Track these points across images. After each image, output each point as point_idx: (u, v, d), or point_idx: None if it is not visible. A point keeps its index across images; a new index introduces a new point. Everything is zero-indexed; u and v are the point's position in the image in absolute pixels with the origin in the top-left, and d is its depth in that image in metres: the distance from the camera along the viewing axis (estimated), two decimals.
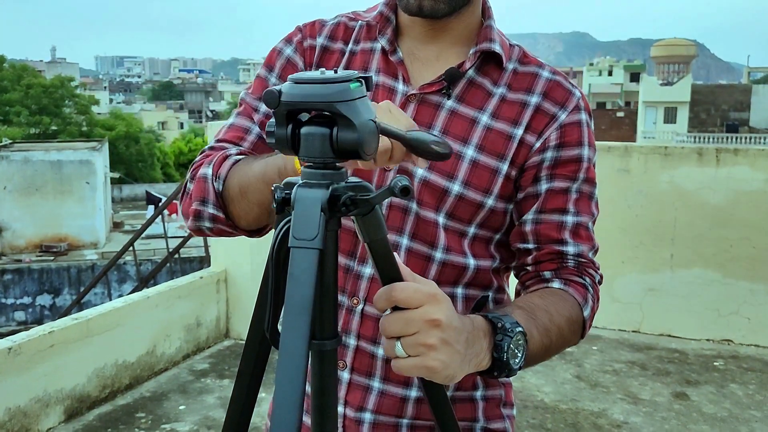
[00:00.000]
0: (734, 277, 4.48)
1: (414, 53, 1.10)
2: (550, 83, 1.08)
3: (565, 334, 1.00)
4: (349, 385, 1.09)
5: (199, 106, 79.80)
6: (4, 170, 21.67)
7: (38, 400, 3.30)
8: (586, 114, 1.09)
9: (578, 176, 1.07)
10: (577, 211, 1.08)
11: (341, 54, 1.13)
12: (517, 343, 0.87)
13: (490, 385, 1.13)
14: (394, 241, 1.06)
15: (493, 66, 1.08)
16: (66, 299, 18.36)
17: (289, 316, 0.65)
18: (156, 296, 4.09)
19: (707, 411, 3.63)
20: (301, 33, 1.15)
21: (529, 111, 1.06)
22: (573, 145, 1.07)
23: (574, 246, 1.07)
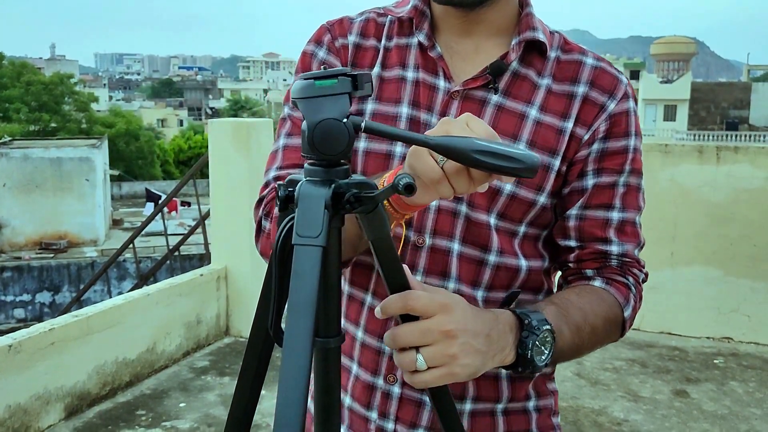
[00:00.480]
0: (735, 275, 4.48)
1: (451, 47, 1.05)
2: (596, 71, 1.04)
3: (600, 334, 0.99)
4: (401, 401, 1.04)
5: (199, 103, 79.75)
6: (4, 167, 21.64)
7: (39, 397, 3.30)
8: (632, 101, 1.06)
9: (625, 168, 1.04)
10: (623, 207, 1.04)
11: (376, 51, 1.09)
12: (543, 340, 0.86)
13: (541, 394, 1.11)
14: (445, 246, 1.01)
15: (536, 56, 1.04)
16: (66, 296, 18.36)
17: (292, 314, 0.65)
18: (156, 293, 4.09)
19: (707, 408, 3.63)
20: (330, 33, 1.10)
21: (577, 102, 1.03)
22: (620, 135, 1.03)
23: (618, 245, 1.04)
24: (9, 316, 18.52)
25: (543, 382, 1.12)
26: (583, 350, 0.97)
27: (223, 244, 4.61)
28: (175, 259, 6.65)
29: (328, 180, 0.71)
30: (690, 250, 4.51)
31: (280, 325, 0.75)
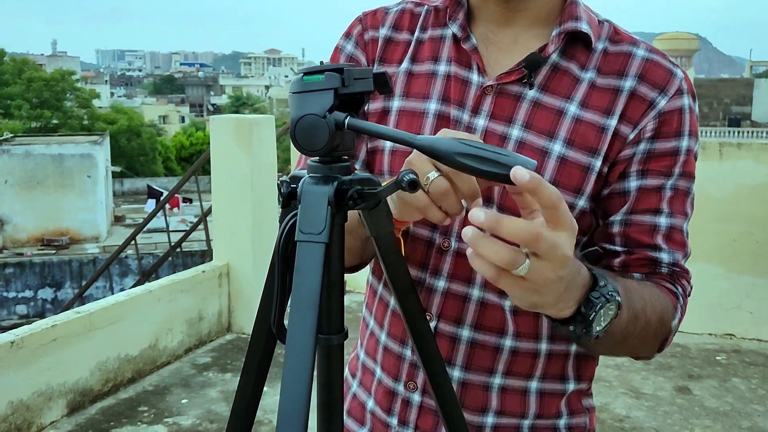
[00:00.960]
0: (737, 272, 4.47)
1: (489, 38, 0.98)
2: (647, 63, 0.94)
3: (650, 332, 0.90)
4: (420, 409, 0.99)
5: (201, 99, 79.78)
6: (6, 164, 21.68)
7: (41, 393, 3.30)
8: (689, 97, 0.95)
9: (674, 171, 0.94)
10: (671, 212, 0.95)
11: (407, 44, 1.03)
12: (608, 311, 0.78)
13: (575, 412, 1.03)
14: None
15: (581, 47, 0.95)
16: (68, 293, 18.39)
17: (296, 311, 0.65)
18: (158, 290, 4.10)
19: (709, 405, 3.63)
20: (362, 24, 1.05)
21: (623, 97, 0.93)
22: (671, 135, 0.93)
23: (668, 253, 0.95)
24: (11, 312, 18.57)
25: (578, 398, 1.05)
26: (629, 342, 0.88)
27: (225, 241, 4.61)
28: (177, 255, 6.65)
29: (331, 176, 0.70)
30: (692, 246, 4.48)
31: (283, 322, 0.74)
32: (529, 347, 0.97)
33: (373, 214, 0.75)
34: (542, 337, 0.97)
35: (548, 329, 0.98)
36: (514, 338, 0.96)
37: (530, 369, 0.98)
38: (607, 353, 0.98)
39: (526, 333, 0.97)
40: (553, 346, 0.98)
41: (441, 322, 0.97)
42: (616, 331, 0.83)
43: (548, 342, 0.98)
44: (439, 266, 0.96)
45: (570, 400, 1.02)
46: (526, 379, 0.99)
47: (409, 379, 1.00)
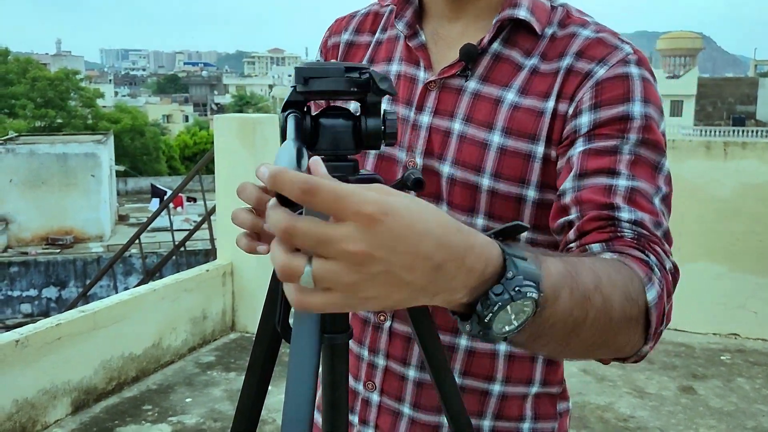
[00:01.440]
0: (741, 271, 4.46)
1: (438, 33, 0.97)
2: (590, 41, 0.89)
3: (615, 312, 0.70)
4: (379, 409, 1.00)
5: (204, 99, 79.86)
6: (10, 163, 21.74)
7: (45, 392, 3.31)
8: (640, 69, 0.87)
9: (629, 136, 0.84)
10: (633, 176, 0.82)
11: (367, 48, 1.03)
12: (519, 309, 0.60)
13: (541, 416, 0.98)
14: None
15: (526, 35, 0.92)
16: (72, 291, 18.43)
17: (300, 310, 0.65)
18: (162, 289, 4.10)
19: (714, 405, 3.62)
20: (329, 31, 1.07)
21: (560, 77, 0.89)
22: (616, 102, 0.85)
23: (629, 212, 0.81)
24: (16, 311, 18.61)
25: (549, 402, 1.00)
26: (586, 329, 0.68)
27: (228, 240, 4.61)
28: (181, 254, 6.66)
29: (338, 175, 0.70)
30: (697, 245, 4.50)
31: (287, 321, 0.74)
32: (486, 348, 0.96)
33: None
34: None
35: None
36: (469, 338, 0.95)
37: (489, 371, 0.96)
38: (563, 354, 0.77)
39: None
40: (514, 348, 0.95)
41: (396, 322, 0.97)
42: (556, 323, 0.65)
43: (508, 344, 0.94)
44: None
45: (537, 404, 0.99)
46: (487, 381, 0.96)
47: (367, 378, 1.00)
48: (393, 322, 0.97)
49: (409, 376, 0.97)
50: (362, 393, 1.01)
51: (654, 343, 0.77)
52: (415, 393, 0.97)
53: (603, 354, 0.75)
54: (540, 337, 0.65)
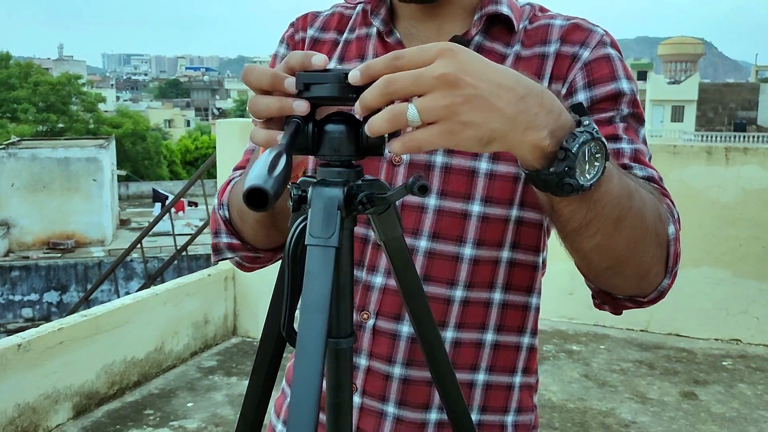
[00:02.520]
0: (743, 276, 4.46)
1: (411, 33, 0.98)
2: (567, 27, 0.95)
3: (648, 223, 0.77)
4: (361, 411, 0.98)
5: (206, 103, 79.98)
6: (12, 167, 21.76)
7: (47, 396, 3.31)
8: (614, 50, 0.94)
9: (621, 108, 0.92)
10: (631, 140, 0.90)
11: (334, 44, 1.04)
12: (594, 152, 0.67)
13: (523, 409, 1.01)
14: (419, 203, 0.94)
15: (503, 29, 0.96)
16: (73, 296, 18.43)
17: (306, 315, 0.65)
18: (164, 293, 4.11)
19: (716, 411, 3.62)
20: (293, 27, 1.07)
21: (550, 60, 0.94)
22: (607, 80, 0.92)
23: (640, 169, 0.88)
24: (17, 316, 18.61)
25: (528, 393, 1.02)
26: (628, 223, 0.74)
27: None
28: (183, 259, 6.66)
29: (341, 181, 0.71)
30: (698, 251, 4.50)
31: (292, 326, 0.75)
32: (472, 337, 0.96)
33: (381, 219, 0.75)
34: (488, 327, 0.96)
35: (496, 319, 0.96)
36: (456, 329, 0.96)
37: (474, 359, 0.97)
38: (605, 248, 0.76)
39: (470, 323, 0.96)
40: (499, 336, 0.97)
41: (379, 320, 0.96)
42: (610, 196, 0.71)
43: (495, 332, 0.97)
44: (377, 262, 0.96)
45: (521, 396, 1.00)
46: (472, 372, 0.97)
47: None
48: (377, 321, 0.96)
49: (394, 374, 0.96)
50: None
51: (671, 281, 0.83)
52: (401, 391, 0.96)
53: (634, 267, 0.79)
54: (595, 218, 0.71)
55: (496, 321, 0.96)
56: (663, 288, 0.83)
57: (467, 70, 0.61)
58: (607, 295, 0.88)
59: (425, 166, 0.94)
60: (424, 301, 0.81)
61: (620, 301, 0.88)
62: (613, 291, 0.86)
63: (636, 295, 0.85)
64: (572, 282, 3.93)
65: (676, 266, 0.83)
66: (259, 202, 0.58)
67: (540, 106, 0.64)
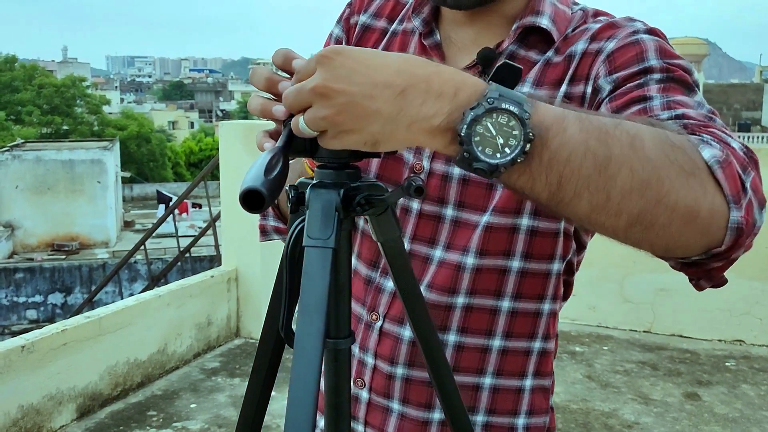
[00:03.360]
0: (746, 277, 4.45)
1: (450, 37, 0.96)
2: (601, 27, 0.89)
3: (653, 156, 0.62)
4: (369, 405, 1.01)
5: (210, 105, 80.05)
6: (17, 169, 21.80)
7: (51, 397, 3.32)
8: (650, 35, 0.85)
9: (652, 75, 0.80)
10: (667, 95, 0.77)
11: (382, 34, 1.02)
12: (503, 128, 0.59)
13: (535, 411, 0.99)
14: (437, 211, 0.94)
15: (541, 38, 0.92)
16: (77, 298, 18.46)
17: (304, 315, 0.66)
18: (167, 295, 4.11)
19: (719, 411, 3.61)
20: (350, 8, 1.05)
21: (574, 61, 0.88)
22: (631, 62, 0.82)
23: (670, 113, 0.75)
24: (21, 317, 18.64)
25: (543, 395, 1.01)
26: (619, 168, 0.61)
27: (233, 246, 4.63)
28: (186, 260, 6.68)
29: (339, 182, 0.71)
30: None
31: (291, 326, 0.75)
32: (477, 342, 0.96)
33: (380, 220, 0.75)
34: (495, 333, 0.96)
35: (505, 326, 0.95)
36: (459, 333, 0.96)
37: (480, 364, 0.96)
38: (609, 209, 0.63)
39: (474, 329, 0.95)
40: (507, 342, 0.96)
41: (387, 322, 0.98)
42: (568, 149, 0.60)
43: (502, 338, 0.96)
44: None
45: (532, 397, 0.99)
46: (478, 375, 0.97)
47: (357, 376, 1.01)
48: (384, 323, 0.98)
49: (396, 374, 0.98)
50: (352, 389, 1.02)
51: (746, 212, 0.65)
52: (404, 389, 0.98)
53: (666, 212, 0.62)
54: (565, 179, 0.61)
55: (504, 328, 0.95)
56: (736, 222, 0.65)
57: (338, 76, 0.60)
58: (686, 266, 0.71)
59: (443, 176, 0.93)
60: (421, 301, 0.81)
61: (702, 265, 0.70)
62: (677, 254, 0.68)
63: (708, 246, 0.66)
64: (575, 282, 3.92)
65: (744, 193, 0.65)
66: (255, 203, 0.58)
67: (426, 93, 0.60)
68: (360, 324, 1.00)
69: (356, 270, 1.01)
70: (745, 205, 0.65)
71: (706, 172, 0.63)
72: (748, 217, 0.66)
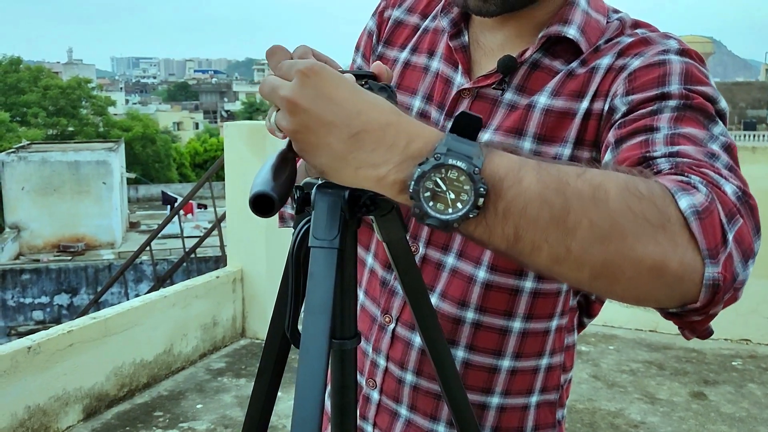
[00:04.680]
0: (752, 276, 4.35)
1: (478, 40, 0.94)
2: (633, 41, 0.85)
3: (615, 207, 0.58)
4: (379, 407, 1.00)
5: (214, 106, 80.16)
6: (23, 171, 21.88)
7: (57, 398, 3.33)
8: (680, 56, 0.81)
9: (667, 102, 0.76)
10: (677, 126, 0.73)
11: (413, 30, 1.00)
12: (453, 184, 0.57)
13: (541, 426, 0.98)
14: (437, 259, 0.94)
15: (569, 48, 0.89)
16: (83, 299, 18.50)
17: (309, 316, 0.66)
18: (173, 296, 4.12)
19: (725, 411, 3.60)
20: (385, 1, 1.05)
21: (599, 75, 0.85)
22: (650, 85, 0.78)
23: (666, 148, 0.70)
24: (27, 318, 18.69)
25: (549, 410, 0.99)
26: (578, 222, 0.57)
27: (238, 247, 4.63)
28: (192, 261, 6.69)
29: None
30: None
31: (297, 327, 0.75)
32: (485, 361, 0.95)
33: (385, 220, 0.75)
34: (505, 354, 0.94)
35: (515, 347, 0.93)
36: (468, 350, 0.94)
37: (488, 384, 0.95)
38: (560, 253, 0.58)
39: (484, 348, 0.94)
40: (517, 362, 0.95)
41: (399, 326, 0.97)
42: (527, 211, 0.57)
43: (512, 359, 0.95)
44: None
45: (538, 413, 0.98)
46: (485, 395, 0.96)
47: (369, 376, 1.01)
48: (397, 326, 0.97)
49: (406, 380, 0.97)
50: (365, 389, 1.02)
51: (723, 268, 0.60)
52: (412, 396, 0.98)
53: (631, 265, 0.58)
54: (521, 230, 0.57)
55: (514, 348, 0.94)
56: (711, 279, 0.60)
57: (306, 95, 0.59)
58: (667, 314, 0.68)
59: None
60: (427, 302, 0.81)
61: (683, 317, 0.67)
62: (647, 304, 0.64)
63: (683, 301, 0.63)
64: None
65: (725, 246, 0.61)
66: (265, 207, 0.58)
67: (378, 142, 0.59)
68: (374, 325, 1.00)
69: (373, 270, 1.01)
70: (724, 259, 0.61)
71: (679, 224, 0.59)
72: (726, 273, 0.61)
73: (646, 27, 0.90)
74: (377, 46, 1.04)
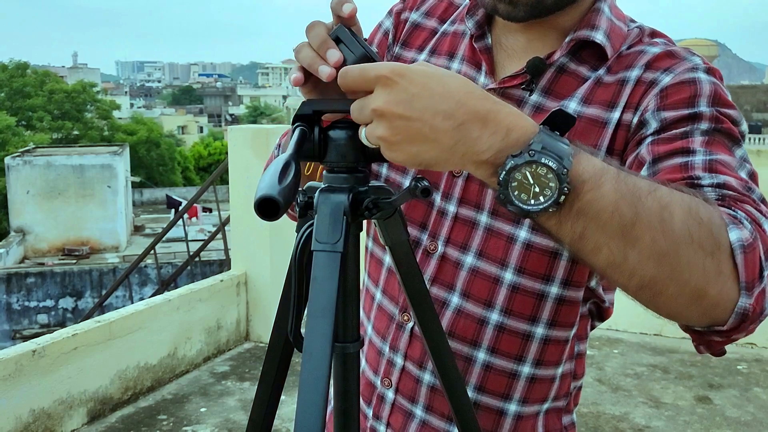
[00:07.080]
0: None
1: (501, 42, 0.96)
2: (658, 54, 0.88)
3: (677, 229, 0.63)
4: (393, 406, 1.00)
5: (219, 110, 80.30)
6: (27, 174, 21.94)
7: (62, 401, 3.34)
8: (708, 75, 0.84)
9: (699, 125, 0.80)
10: (710, 151, 0.77)
11: (432, 33, 1.02)
12: (540, 178, 0.61)
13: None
14: (456, 258, 0.94)
15: (594, 53, 0.91)
16: (88, 302, 18.52)
17: (312, 319, 0.66)
18: (177, 299, 4.13)
19: (730, 415, 3.59)
20: (403, 4, 1.06)
21: (628, 87, 0.87)
22: (681, 104, 0.82)
23: (710, 177, 0.75)
24: (32, 322, 18.73)
25: (556, 416, 1.00)
26: (641, 234, 0.62)
27: (242, 250, 4.64)
28: (196, 264, 6.70)
29: (347, 187, 0.71)
30: None
31: (299, 331, 0.75)
32: (505, 365, 0.95)
33: (387, 223, 0.76)
34: (526, 360, 0.94)
35: (536, 353, 0.94)
36: (489, 353, 0.94)
37: (507, 389, 0.95)
38: (617, 260, 0.64)
39: (506, 351, 0.94)
40: (537, 370, 0.95)
41: (416, 326, 0.97)
42: (599, 205, 0.62)
43: (532, 366, 0.95)
44: (424, 269, 0.96)
45: (547, 420, 0.98)
46: (503, 400, 0.96)
47: (385, 375, 1.01)
48: (416, 325, 0.96)
49: (424, 379, 0.97)
50: (379, 388, 1.02)
51: (756, 301, 0.66)
52: (429, 397, 0.97)
53: (676, 285, 0.64)
54: (588, 231, 0.63)
55: (535, 355, 0.94)
56: (742, 309, 0.66)
57: (399, 101, 0.62)
58: (689, 329, 0.74)
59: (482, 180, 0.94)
60: (429, 304, 0.81)
61: (704, 335, 0.73)
62: (678, 320, 0.71)
63: (712, 323, 0.69)
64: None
65: (761, 281, 0.66)
66: (270, 211, 0.58)
67: (482, 129, 0.63)
68: (392, 323, 1.00)
69: (391, 268, 1.01)
70: (757, 293, 0.67)
71: (727, 254, 0.65)
72: (757, 306, 0.67)
73: (662, 36, 0.93)
74: (393, 46, 1.05)
